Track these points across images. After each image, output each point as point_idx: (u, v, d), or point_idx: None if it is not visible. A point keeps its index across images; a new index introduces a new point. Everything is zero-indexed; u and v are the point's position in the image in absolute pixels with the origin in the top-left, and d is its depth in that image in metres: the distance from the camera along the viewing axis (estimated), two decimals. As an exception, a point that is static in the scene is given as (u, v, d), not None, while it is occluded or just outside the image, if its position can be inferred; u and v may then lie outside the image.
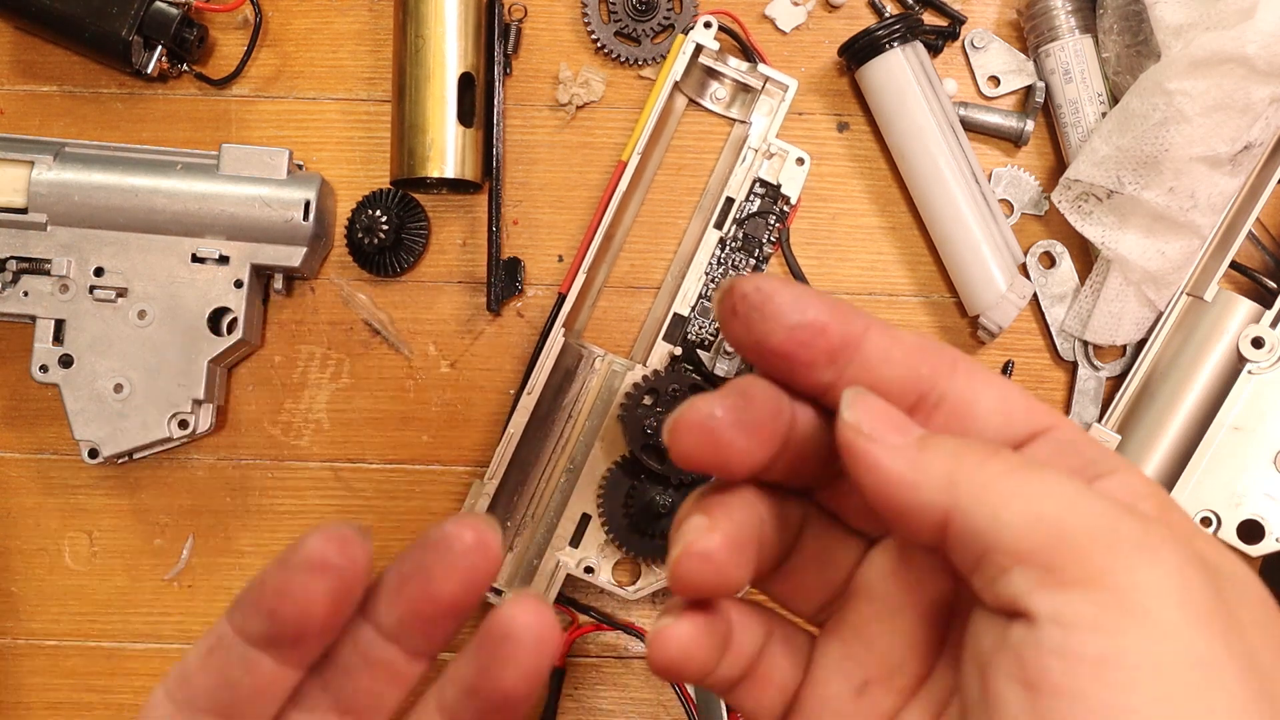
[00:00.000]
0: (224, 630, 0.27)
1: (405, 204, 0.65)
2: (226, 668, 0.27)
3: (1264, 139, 0.60)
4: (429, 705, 0.28)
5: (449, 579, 0.27)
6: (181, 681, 0.28)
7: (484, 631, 0.27)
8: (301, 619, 0.26)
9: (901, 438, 0.26)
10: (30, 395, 0.66)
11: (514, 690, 0.27)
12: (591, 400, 0.63)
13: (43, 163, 0.61)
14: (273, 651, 0.27)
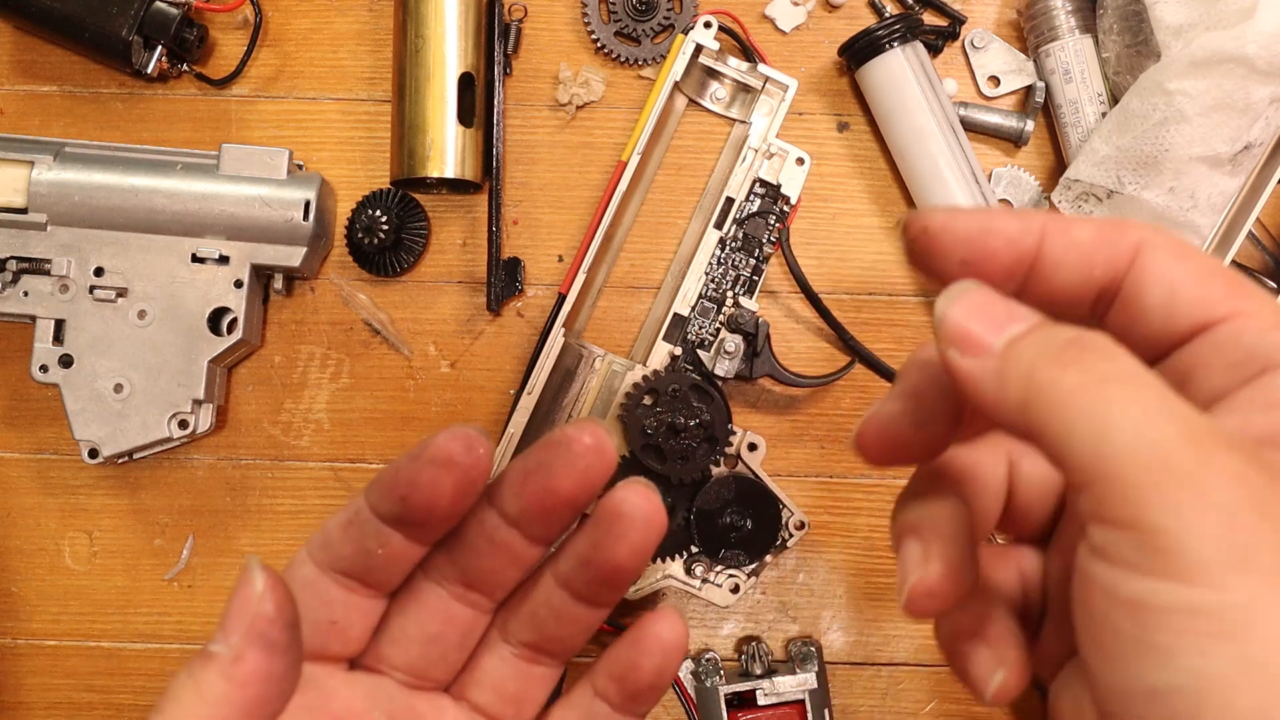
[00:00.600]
0: (360, 506, 0.31)
1: (405, 204, 0.65)
2: (363, 539, 0.31)
3: (1264, 139, 0.60)
4: (546, 578, 0.33)
5: (568, 475, 0.30)
6: (323, 546, 0.32)
7: (599, 510, 0.30)
8: (428, 506, 0.30)
9: (996, 336, 0.25)
10: (30, 395, 0.66)
11: (625, 563, 0.31)
12: (591, 400, 0.63)
13: (43, 163, 0.61)
14: (402, 529, 0.31)
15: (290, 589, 0.28)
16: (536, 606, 0.33)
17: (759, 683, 0.61)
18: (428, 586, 0.33)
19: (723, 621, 0.66)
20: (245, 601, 0.27)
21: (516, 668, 0.34)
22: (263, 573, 0.28)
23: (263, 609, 0.27)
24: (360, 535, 0.31)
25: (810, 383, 0.64)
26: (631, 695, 0.33)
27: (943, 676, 0.66)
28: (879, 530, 0.66)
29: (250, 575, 0.28)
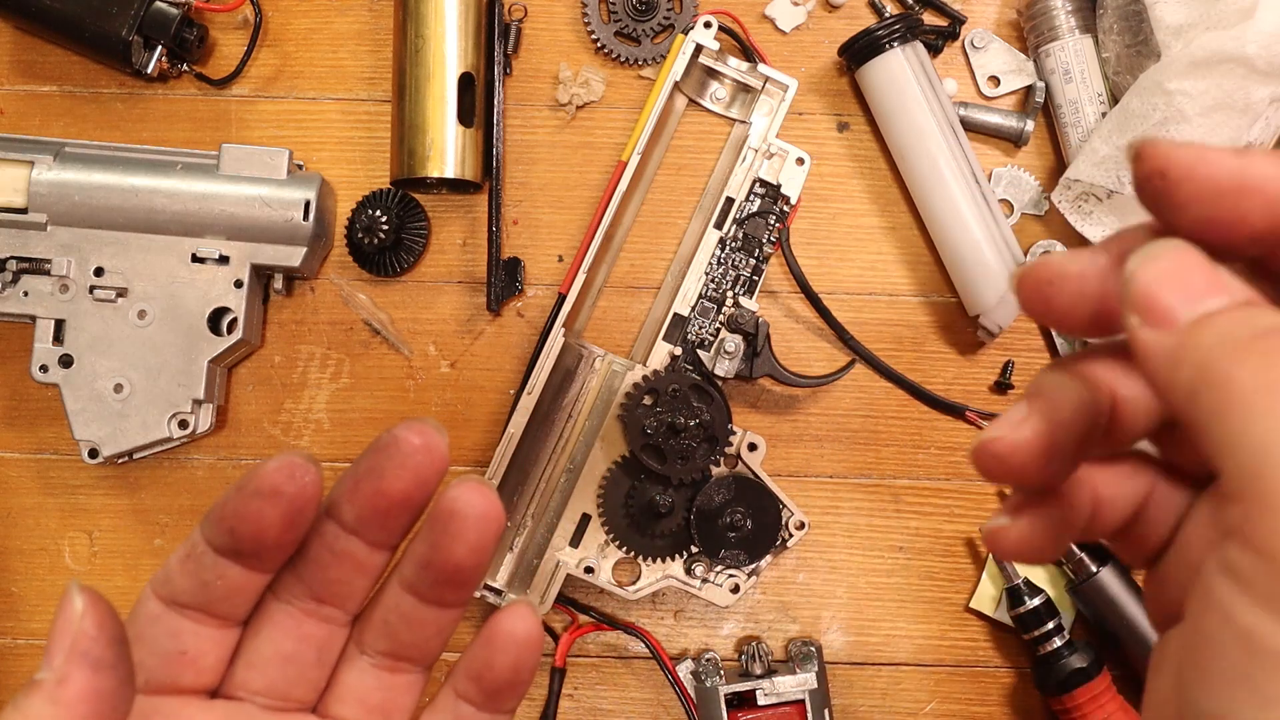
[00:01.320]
0: (197, 539, 0.31)
1: (405, 204, 0.65)
2: (200, 572, 0.31)
3: (1264, 139, 0.60)
4: (392, 584, 0.32)
5: (399, 478, 0.30)
6: (164, 581, 0.31)
7: (434, 511, 0.30)
8: (257, 537, 0.29)
9: (1187, 310, 0.22)
10: (30, 395, 0.66)
11: (464, 561, 0.30)
12: (591, 400, 0.63)
13: (43, 163, 0.61)
14: (238, 560, 0.30)
15: (111, 606, 0.27)
16: (387, 614, 0.33)
17: (759, 683, 0.61)
18: (278, 606, 0.32)
19: (723, 621, 0.66)
20: (66, 623, 0.27)
21: (378, 678, 0.33)
22: (81, 593, 0.27)
23: (83, 627, 0.27)
24: (197, 568, 0.31)
25: (810, 383, 0.64)
26: (491, 694, 0.33)
27: (942, 676, 0.66)
28: (879, 530, 0.66)
29: (69, 597, 0.27)
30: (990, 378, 0.66)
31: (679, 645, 0.65)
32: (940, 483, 0.66)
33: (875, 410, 0.66)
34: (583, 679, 0.65)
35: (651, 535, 0.61)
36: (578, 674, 0.65)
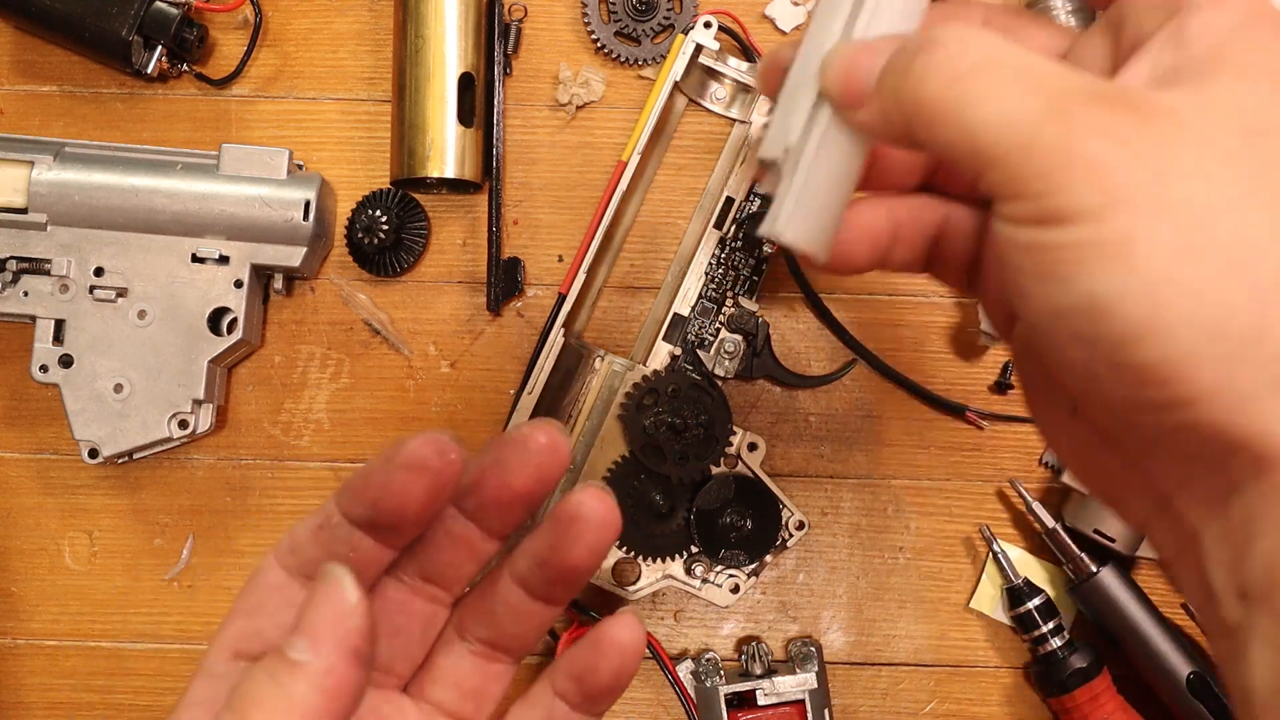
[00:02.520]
0: (331, 510, 0.31)
1: (405, 204, 0.65)
2: (333, 544, 0.31)
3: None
4: (503, 576, 0.33)
5: (522, 472, 0.31)
6: (292, 551, 0.32)
7: (557, 512, 0.32)
8: (400, 511, 0.30)
9: (870, 78, 0.27)
10: (30, 395, 0.66)
11: (580, 563, 0.31)
12: (591, 400, 0.63)
13: (43, 163, 0.61)
14: (373, 534, 0.31)
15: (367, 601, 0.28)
16: (494, 604, 0.34)
17: (759, 683, 0.61)
18: (389, 581, 0.33)
19: (723, 621, 0.66)
20: (338, 612, 0.28)
21: (474, 664, 0.34)
22: (355, 585, 0.28)
23: (356, 623, 0.28)
24: (331, 540, 0.31)
25: (810, 383, 0.64)
26: (590, 696, 0.34)
27: (942, 676, 0.66)
28: (879, 530, 0.66)
29: (342, 586, 0.28)
30: (990, 378, 0.66)
31: (679, 645, 0.65)
32: (940, 483, 0.66)
33: (875, 410, 0.66)
34: (583, 679, 0.65)
35: (651, 535, 0.61)
36: (578, 674, 0.65)
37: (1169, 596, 0.65)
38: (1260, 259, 0.23)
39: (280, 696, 0.27)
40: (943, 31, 0.26)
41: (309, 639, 0.27)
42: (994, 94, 0.24)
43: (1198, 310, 0.23)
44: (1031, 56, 0.25)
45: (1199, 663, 0.62)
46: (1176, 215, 0.23)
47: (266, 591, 0.32)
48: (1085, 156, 0.23)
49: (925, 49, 0.26)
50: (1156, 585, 0.65)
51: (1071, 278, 0.24)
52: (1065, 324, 0.25)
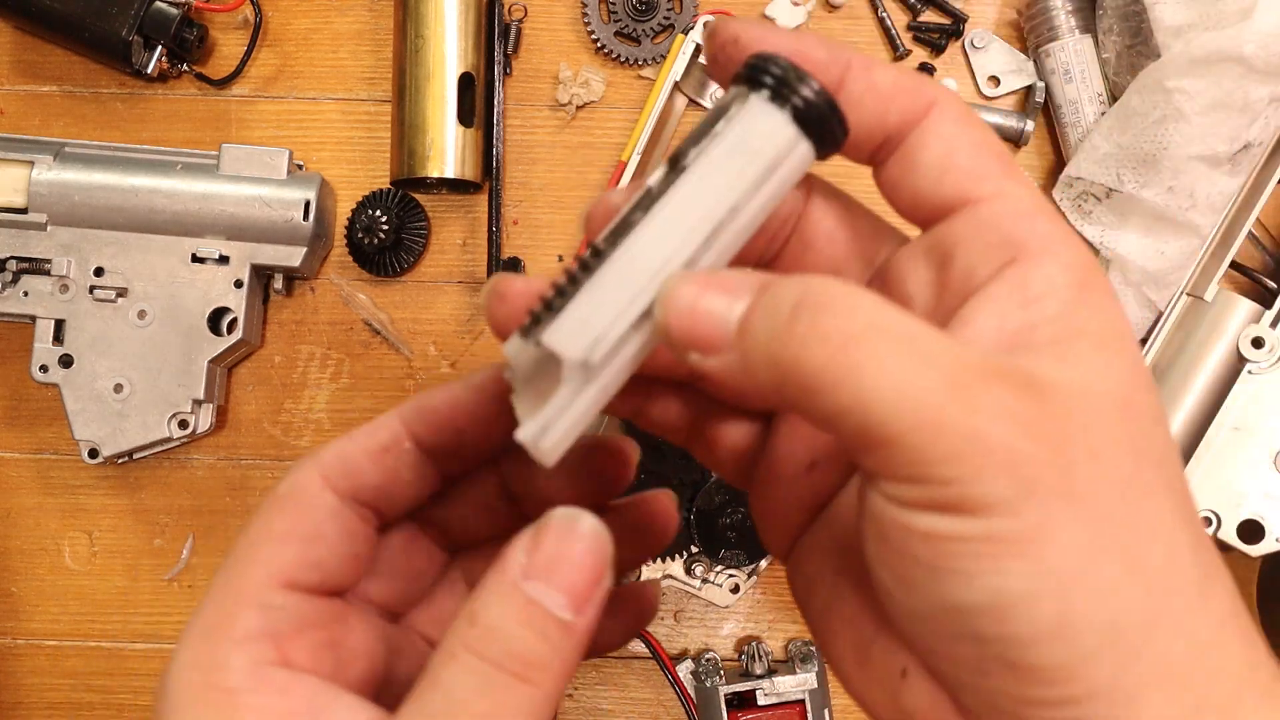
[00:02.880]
0: (400, 434, 0.29)
1: (405, 204, 0.65)
2: (400, 471, 0.30)
3: (1263, 139, 0.60)
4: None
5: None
6: (346, 475, 0.29)
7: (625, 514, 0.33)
8: (486, 441, 0.30)
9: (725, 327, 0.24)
10: (30, 395, 0.66)
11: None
12: (591, 400, 0.63)
13: (43, 163, 0.61)
14: (440, 462, 0.30)
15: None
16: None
17: (759, 683, 0.61)
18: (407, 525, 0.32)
19: (723, 621, 0.66)
20: (599, 566, 0.26)
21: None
22: (609, 536, 0.26)
23: (609, 581, 0.26)
24: (397, 465, 0.29)
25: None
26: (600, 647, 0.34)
27: (943, 676, 0.66)
28: (879, 530, 0.66)
29: (601, 540, 0.26)
30: (990, 378, 0.66)
31: (679, 645, 0.65)
32: (940, 483, 0.66)
33: (875, 410, 0.66)
34: (583, 679, 0.65)
35: (651, 535, 0.61)
36: (578, 674, 0.65)
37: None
38: (1149, 550, 0.22)
39: (557, 658, 0.25)
40: (823, 289, 0.23)
41: (571, 597, 0.26)
42: (889, 366, 0.22)
43: (1101, 611, 0.22)
44: (916, 323, 0.23)
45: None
46: (1083, 508, 0.22)
47: (323, 518, 0.29)
48: (996, 444, 0.22)
49: (807, 308, 0.23)
50: (1156, 585, 0.65)
51: (975, 573, 0.22)
52: (958, 620, 0.23)
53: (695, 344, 0.25)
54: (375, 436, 0.30)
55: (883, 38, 0.67)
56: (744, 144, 0.26)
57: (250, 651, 0.27)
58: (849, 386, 0.22)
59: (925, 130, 0.27)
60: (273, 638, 0.27)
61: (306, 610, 0.28)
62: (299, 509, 0.29)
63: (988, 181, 0.27)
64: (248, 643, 0.27)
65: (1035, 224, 0.26)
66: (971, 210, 0.27)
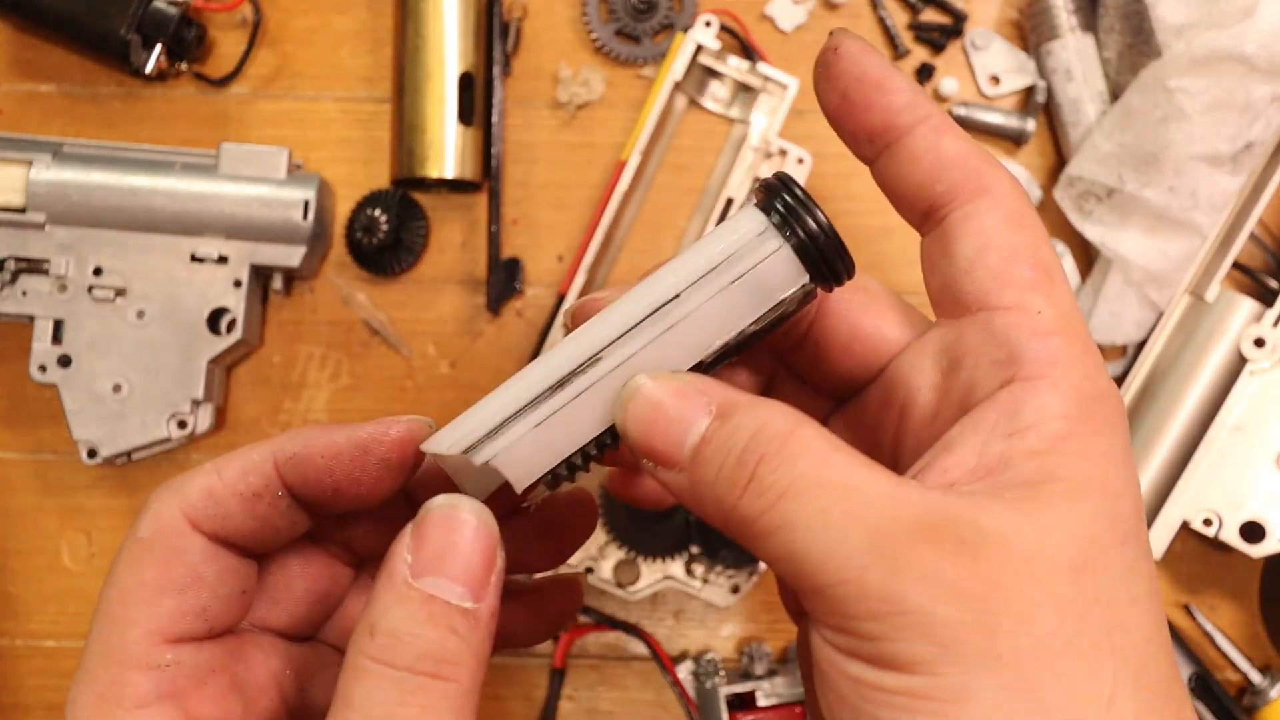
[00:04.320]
0: (272, 480, 0.28)
1: (405, 204, 0.65)
2: (273, 518, 0.29)
3: (1265, 138, 0.59)
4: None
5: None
6: (214, 516, 0.28)
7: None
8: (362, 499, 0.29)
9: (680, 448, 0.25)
10: (29, 395, 0.65)
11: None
12: (591, 400, 0.63)
13: (41, 162, 0.61)
14: (314, 512, 0.29)
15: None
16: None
17: (759, 683, 0.61)
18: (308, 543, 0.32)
19: (723, 622, 0.65)
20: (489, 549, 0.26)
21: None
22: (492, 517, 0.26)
23: (502, 562, 0.26)
24: (270, 514, 0.29)
25: (810, 383, 0.63)
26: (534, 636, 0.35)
27: (943, 677, 0.65)
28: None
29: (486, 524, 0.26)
30: (991, 378, 0.66)
31: (679, 646, 0.65)
32: (941, 483, 0.66)
33: (876, 410, 0.66)
34: (583, 679, 0.65)
35: (651, 535, 0.61)
36: (578, 674, 0.65)
37: (1168, 597, 0.65)
38: (1081, 713, 0.22)
39: (467, 648, 0.25)
40: (773, 433, 0.24)
41: (469, 584, 0.25)
42: (818, 524, 0.23)
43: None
44: (857, 471, 0.23)
45: (1199, 664, 0.62)
46: (1005, 672, 0.22)
47: (198, 561, 0.28)
48: (915, 608, 0.22)
49: (754, 453, 0.24)
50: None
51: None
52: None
53: (651, 455, 0.25)
54: (247, 481, 0.28)
55: (883, 37, 0.67)
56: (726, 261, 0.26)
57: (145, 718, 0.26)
58: (782, 539, 0.23)
59: (968, 217, 0.27)
60: (171, 697, 0.27)
61: (199, 659, 0.27)
62: (168, 555, 0.28)
63: (1010, 291, 0.26)
64: (143, 710, 0.26)
65: (1046, 344, 0.25)
66: (986, 318, 0.26)
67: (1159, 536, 0.60)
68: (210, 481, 0.28)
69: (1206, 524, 0.60)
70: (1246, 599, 0.65)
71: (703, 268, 0.26)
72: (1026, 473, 0.24)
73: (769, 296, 0.26)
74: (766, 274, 0.26)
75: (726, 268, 0.26)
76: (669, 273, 0.26)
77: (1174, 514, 0.60)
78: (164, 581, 0.27)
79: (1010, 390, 0.25)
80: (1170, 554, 0.61)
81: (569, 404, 0.26)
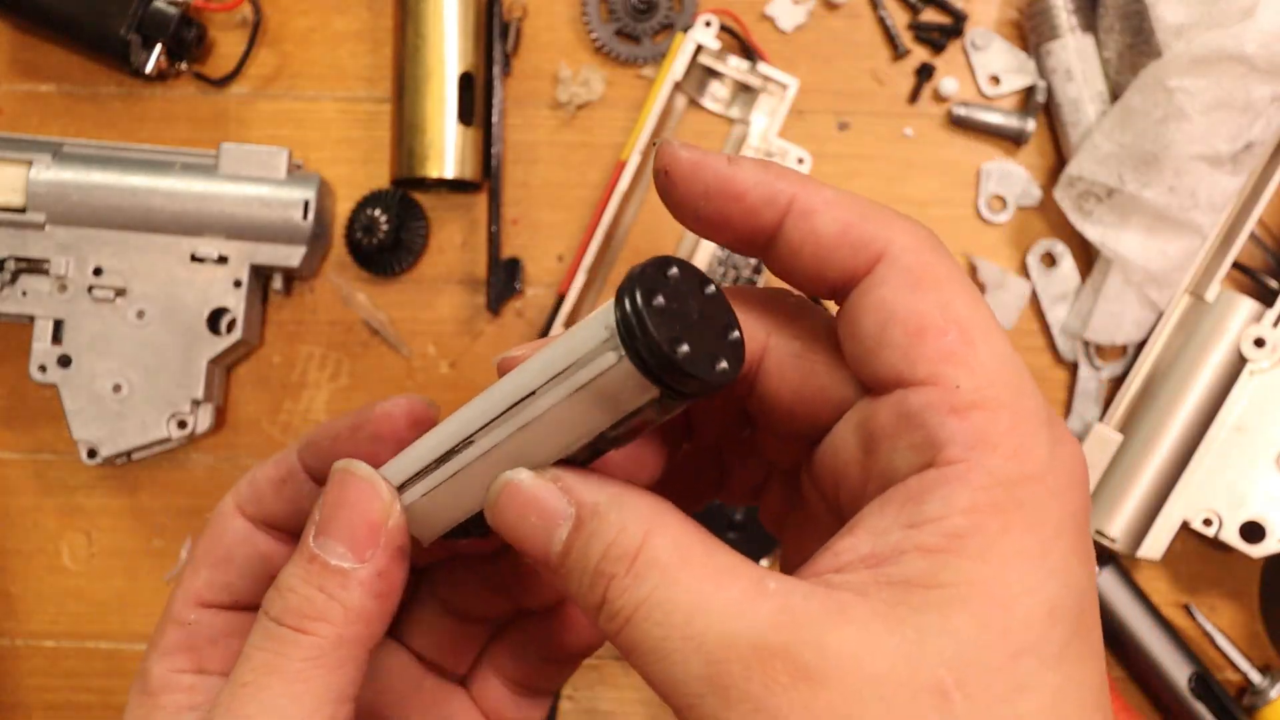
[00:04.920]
0: (295, 466, 0.32)
1: (405, 204, 0.65)
2: (298, 498, 0.32)
3: (1265, 138, 0.59)
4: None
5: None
6: (254, 501, 0.32)
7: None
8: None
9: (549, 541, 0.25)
10: (29, 395, 0.65)
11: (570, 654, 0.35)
12: (591, 400, 0.63)
13: (41, 162, 0.61)
14: None
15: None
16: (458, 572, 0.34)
17: (759, 683, 0.61)
18: None
19: (723, 622, 0.65)
20: (371, 510, 0.27)
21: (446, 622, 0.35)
22: (383, 480, 0.28)
23: (397, 520, 0.27)
24: (295, 495, 0.32)
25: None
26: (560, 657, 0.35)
27: (943, 677, 0.65)
28: (879, 530, 0.66)
29: (373, 484, 0.28)
30: (991, 378, 0.66)
31: (679, 646, 0.65)
32: (941, 483, 0.66)
33: (876, 410, 0.66)
34: (582, 679, 0.65)
35: (651, 535, 0.60)
36: (577, 674, 0.65)
37: (1169, 597, 0.65)
38: None
39: (335, 605, 0.27)
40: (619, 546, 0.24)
41: (349, 543, 0.27)
42: (659, 652, 0.22)
43: None
44: (707, 587, 0.23)
45: (1199, 664, 0.62)
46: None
47: (233, 543, 0.32)
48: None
49: (600, 576, 0.24)
50: (1157, 586, 0.65)
51: None
52: None
53: (524, 550, 0.26)
54: (278, 467, 0.32)
55: (883, 37, 0.67)
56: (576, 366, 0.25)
57: (168, 662, 0.31)
58: (635, 663, 0.23)
59: (865, 291, 0.25)
60: (189, 649, 0.32)
61: (219, 623, 0.32)
62: (214, 534, 0.33)
63: (921, 366, 0.24)
64: (167, 655, 0.32)
65: (965, 423, 0.23)
66: (901, 397, 0.24)
67: (1159, 536, 0.60)
68: (254, 473, 0.33)
69: (1206, 524, 0.60)
70: (1246, 599, 0.65)
71: (551, 370, 0.24)
72: (913, 571, 0.22)
73: (618, 407, 0.24)
74: (610, 385, 0.24)
75: (572, 373, 0.24)
76: (528, 367, 0.25)
77: (1174, 514, 0.60)
78: (205, 555, 0.32)
79: (920, 478, 0.23)
80: (1170, 554, 0.61)
81: (448, 480, 0.27)
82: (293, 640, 0.27)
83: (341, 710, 0.27)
